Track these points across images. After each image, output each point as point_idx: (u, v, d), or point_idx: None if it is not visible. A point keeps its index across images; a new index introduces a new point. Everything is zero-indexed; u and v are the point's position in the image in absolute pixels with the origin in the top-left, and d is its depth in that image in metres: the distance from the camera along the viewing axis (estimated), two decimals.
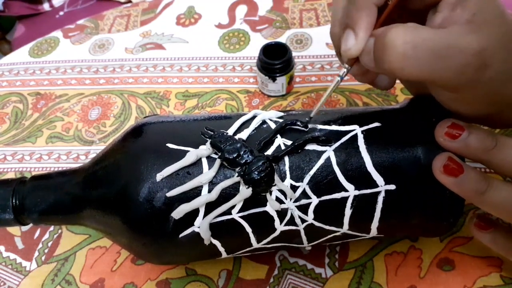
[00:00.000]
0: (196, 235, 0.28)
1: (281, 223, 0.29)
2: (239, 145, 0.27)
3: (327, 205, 0.28)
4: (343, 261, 0.37)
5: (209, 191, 0.27)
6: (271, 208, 0.28)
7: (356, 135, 0.29)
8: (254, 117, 0.31)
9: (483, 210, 0.28)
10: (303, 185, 0.28)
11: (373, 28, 0.26)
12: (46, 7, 0.89)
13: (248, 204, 0.28)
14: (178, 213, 0.27)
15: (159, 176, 0.27)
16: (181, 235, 0.28)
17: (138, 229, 0.28)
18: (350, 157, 0.28)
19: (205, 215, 0.27)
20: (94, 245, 0.40)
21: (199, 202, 0.27)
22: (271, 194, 0.28)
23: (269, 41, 0.49)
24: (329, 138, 0.29)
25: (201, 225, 0.27)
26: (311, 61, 0.52)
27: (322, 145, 0.29)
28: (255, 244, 0.30)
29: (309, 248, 0.32)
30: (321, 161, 0.28)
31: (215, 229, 0.28)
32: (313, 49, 0.54)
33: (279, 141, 0.29)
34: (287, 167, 0.28)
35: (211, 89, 0.51)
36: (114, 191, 0.29)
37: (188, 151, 0.28)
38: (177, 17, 0.60)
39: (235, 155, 0.27)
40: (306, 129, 0.29)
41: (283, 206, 0.28)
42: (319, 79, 0.50)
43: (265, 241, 0.30)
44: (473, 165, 0.28)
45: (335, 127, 0.30)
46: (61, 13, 0.88)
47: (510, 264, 0.35)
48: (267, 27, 0.57)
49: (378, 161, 0.28)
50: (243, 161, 0.27)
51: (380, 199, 0.28)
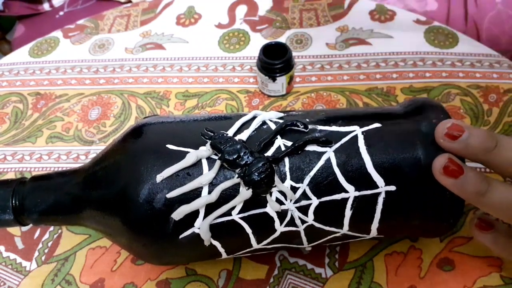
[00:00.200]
0: (196, 236, 0.28)
1: (281, 224, 0.29)
2: (239, 146, 0.27)
3: (327, 206, 0.28)
4: (343, 261, 0.37)
5: (209, 192, 0.27)
6: (271, 209, 0.28)
7: (356, 136, 0.29)
8: (254, 118, 0.31)
9: (483, 211, 0.28)
10: (303, 186, 0.28)
11: None
12: (46, 7, 0.89)
13: (248, 205, 0.28)
14: (178, 214, 0.27)
15: (159, 177, 0.27)
16: (181, 236, 0.28)
17: (138, 230, 0.28)
18: (350, 158, 0.28)
19: (205, 216, 0.27)
20: (94, 245, 0.40)
21: (199, 203, 0.27)
22: (271, 195, 0.28)
23: (269, 41, 0.49)
24: (329, 139, 0.29)
25: (201, 226, 0.27)
26: (311, 61, 0.52)
27: (322, 146, 0.29)
28: (255, 245, 0.30)
29: (309, 248, 0.32)
30: (321, 162, 0.28)
31: (215, 230, 0.28)
32: (313, 49, 0.54)
33: (279, 142, 0.29)
34: (287, 168, 0.28)
35: (211, 89, 0.51)
36: (114, 192, 0.28)
37: (188, 152, 0.28)
38: (177, 17, 0.60)
39: (235, 156, 0.27)
40: (306, 130, 0.29)
41: (283, 207, 0.28)
42: (319, 79, 0.50)
43: (265, 242, 0.30)
44: (472, 165, 0.28)
45: (335, 128, 0.30)
46: (61, 13, 0.88)
47: (510, 264, 0.35)
48: (267, 27, 0.57)
49: (378, 162, 0.28)
50: (243, 162, 0.27)
51: (380, 200, 0.28)
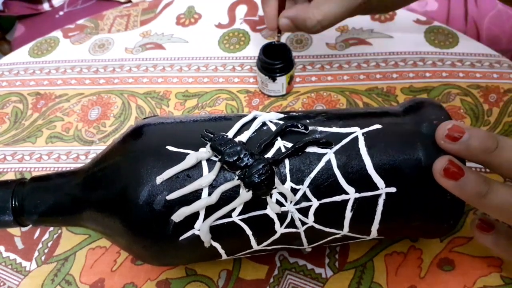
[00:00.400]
0: (196, 238, 0.28)
1: (281, 226, 0.29)
2: (239, 148, 0.27)
3: (327, 207, 0.28)
4: (343, 261, 0.37)
5: (209, 194, 0.27)
6: (271, 211, 0.28)
7: (356, 137, 0.29)
8: (254, 119, 0.31)
9: (484, 212, 0.28)
10: (304, 188, 0.28)
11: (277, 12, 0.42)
12: (46, 7, 0.89)
13: (248, 207, 0.28)
14: (178, 216, 0.27)
15: (159, 179, 0.27)
16: (181, 238, 0.28)
17: (138, 232, 0.28)
18: (350, 160, 0.28)
19: (205, 218, 0.27)
20: (94, 245, 0.40)
21: (199, 205, 0.27)
22: (271, 197, 0.28)
23: (269, 41, 0.49)
24: (329, 140, 0.29)
25: (201, 228, 0.27)
26: (311, 61, 0.52)
27: (322, 148, 0.28)
28: (255, 246, 0.30)
29: (309, 249, 0.32)
30: (322, 164, 0.28)
31: (215, 231, 0.28)
32: (313, 49, 0.54)
33: (280, 144, 0.29)
34: (287, 170, 0.28)
35: (211, 89, 0.51)
36: (114, 194, 0.28)
37: (188, 154, 0.28)
38: (177, 17, 0.60)
39: (235, 158, 0.27)
40: (306, 131, 0.29)
41: (284, 209, 0.28)
42: (319, 79, 0.50)
43: (265, 243, 0.30)
44: (472, 165, 0.28)
45: (335, 129, 0.30)
46: (61, 13, 0.88)
47: (510, 264, 0.35)
48: (267, 27, 0.57)
49: (378, 163, 0.28)
50: (243, 164, 0.27)
51: (380, 201, 0.28)
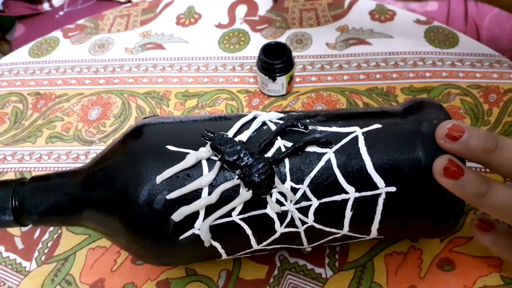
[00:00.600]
0: (196, 237, 0.28)
1: (281, 225, 0.29)
2: (239, 147, 0.27)
3: (327, 207, 0.28)
4: (343, 261, 0.37)
5: (209, 194, 0.27)
6: (271, 210, 0.28)
7: (356, 137, 0.29)
8: (254, 119, 0.31)
9: (483, 212, 0.28)
10: (304, 187, 0.28)
11: None
12: (46, 7, 0.89)
13: (248, 206, 0.28)
14: (178, 215, 0.27)
15: (159, 178, 0.27)
16: (181, 237, 0.28)
17: (138, 231, 0.28)
18: (350, 159, 0.28)
19: (205, 217, 0.27)
20: (94, 245, 0.40)
21: (199, 204, 0.27)
22: (271, 196, 0.28)
23: (269, 41, 0.49)
24: (329, 140, 0.29)
25: (201, 227, 0.27)
26: (311, 61, 0.52)
27: (322, 147, 0.28)
28: (255, 245, 0.30)
29: (309, 249, 0.32)
30: (322, 163, 0.28)
31: (215, 231, 0.28)
32: (313, 49, 0.54)
33: (280, 143, 0.29)
34: (287, 169, 0.28)
35: (211, 89, 0.51)
36: (114, 193, 0.28)
37: (188, 153, 0.28)
38: (177, 17, 0.60)
39: (235, 158, 0.27)
40: (306, 130, 0.29)
41: (284, 208, 0.28)
42: (319, 79, 0.50)
43: (265, 243, 0.30)
44: (472, 165, 0.28)
45: (335, 129, 0.30)
46: (61, 13, 0.88)
47: (510, 264, 0.35)
48: (267, 27, 0.57)
49: (378, 163, 0.28)
50: (243, 163, 0.27)
51: (380, 201, 0.28)
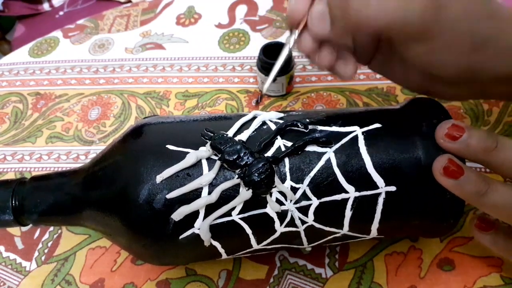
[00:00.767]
0: (196, 237, 0.28)
1: (281, 225, 0.29)
2: (239, 146, 0.27)
3: (327, 206, 0.28)
4: (343, 261, 0.37)
5: (209, 193, 0.27)
6: (271, 209, 0.28)
7: (356, 136, 0.29)
8: (254, 118, 0.31)
9: (483, 211, 0.28)
10: (303, 187, 0.28)
11: None
12: (46, 7, 0.89)
13: (248, 205, 0.28)
14: (178, 215, 0.27)
15: (159, 177, 0.27)
16: (181, 237, 0.28)
17: (138, 231, 0.28)
18: (350, 159, 0.28)
19: (205, 216, 0.27)
20: (94, 245, 0.40)
21: (199, 204, 0.27)
22: (271, 195, 0.28)
23: (269, 41, 0.49)
24: (329, 139, 0.29)
25: (201, 227, 0.27)
26: None
27: (322, 147, 0.28)
28: (255, 245, 0.30)
29: (309, 249, 0.32)
30: (322, 163, 0.28)
31: (215, 230, 0.28)
32: None
33: (279, 143, 0.29)
34: (287, 169, 0.28)
35: (211, 89, 0.51)
36: (114, 193, 0.28)
37: (188, 153, 0.28)
38: (177, 17, 0.60)
39: (235, 157, 0.27)
40: (306, 130, 0.29)
41: (283, 207, 0.28)
42: (319, 79, 0.50)
43: (265, 242, 0.30)
44: (471, 165, 0.28)
45: (335, 128, 0.30)
46: (61, 13, 0.88)
47: (510, 264, 0.35)
48: (267, 27, 0.57)
49: (378, 162, 0.28)
50: (243, 162, 0.27)
51: (380, 200, 0.28)
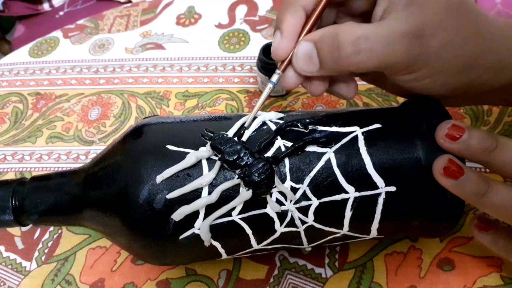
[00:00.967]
0: (196, 237, 0.28)
1: (281, 225, 0.29)
2: (239, 147, 0.27)
3: (327, 206, 0.28)
4: (343, 261, 0.37)
5: (209, 193, 0.27)
6: (271, 210, 0.28)
7: (356, 137, 0.29)
8: (254, 118, 0.31)
9: (483, 211, 0.28)
10: (303, 187, 0.28)
11: (300, 29, 0.28)
12: (46, 7, 0.89)
13: (248, 206, 0.28)
14: (178, 215, 0.27)
15: (159, 178, 0.27)
16: (181, 237, 0.28)
17: (138, 231, 0.28)
18: (350, 159, 0.28)
19: (205, 217, 0.27)
20: (94, 245, 0.40)
21: (199, 204, 0.27)
22: (271, 196, 0.28)
23: (269, 41, 0.49)
24: (329, 139, 0.29)
25: (201, 227, 0.27)
26: None
27: (322, 147, 0.28)
28: (255, 245, 0.30)
29: (309, 249, 0.32)
30: (322, 163, 0.28)
31: (215, 230, 0.28)
32: None
33: (279, 143, 0.29)
34: (287, 169, 0.28)
35: (211, 89, 0.51)
36: (114, 193, 0.28)
37: (188, 153, 0.28)
38: (177, 17, 0.60)
39: (235, 157, 0.27)
40: (306, 130, 0.29)
41: (283, 208, 0.28)
42: None
43: (265, 243, 0.30)
44: (471, 165, 0.28)
45: (335, 128, 0.30)
46: (61, 13, 0.88)
47: (510, 264, 0.35)
48: (267, 27, 0.57)
49: (378, 162, 0.28)
50: (243, 163, 0.27)
51: (380, 200, 0.28)
